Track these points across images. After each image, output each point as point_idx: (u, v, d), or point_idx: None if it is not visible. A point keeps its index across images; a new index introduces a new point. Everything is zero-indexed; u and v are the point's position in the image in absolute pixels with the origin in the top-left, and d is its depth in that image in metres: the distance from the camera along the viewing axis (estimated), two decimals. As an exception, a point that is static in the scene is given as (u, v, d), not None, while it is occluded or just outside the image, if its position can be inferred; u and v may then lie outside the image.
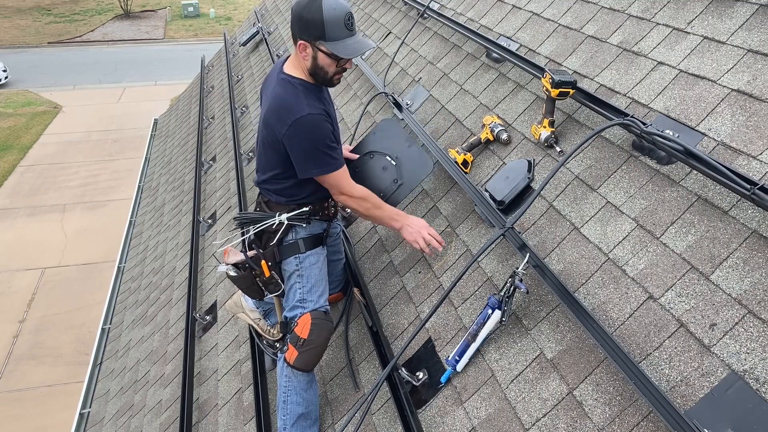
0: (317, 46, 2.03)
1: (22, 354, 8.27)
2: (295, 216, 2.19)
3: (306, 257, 2.20)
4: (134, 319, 4.56)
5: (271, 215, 2.20)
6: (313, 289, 2.17)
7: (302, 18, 2.00)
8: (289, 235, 2.20)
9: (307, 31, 2.02)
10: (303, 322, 2.07)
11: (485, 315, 1.89)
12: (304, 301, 2.14)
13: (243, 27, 9.59)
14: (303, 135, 2.05)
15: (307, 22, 2.00)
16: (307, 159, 2.09)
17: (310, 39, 2.02)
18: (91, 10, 28.01)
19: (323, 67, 2.08)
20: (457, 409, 1.88)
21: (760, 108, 1.77)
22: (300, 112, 2.03)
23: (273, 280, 2.20)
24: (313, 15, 1.98)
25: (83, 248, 10.56)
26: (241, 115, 5.86)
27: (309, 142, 2.06)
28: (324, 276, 2.25)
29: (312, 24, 1.99)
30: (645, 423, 1.46)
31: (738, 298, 1.48)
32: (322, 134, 2.07)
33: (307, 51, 2.05)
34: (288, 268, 2.20)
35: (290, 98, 2.07)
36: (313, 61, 2.07)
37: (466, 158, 2.57)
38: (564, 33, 2.77)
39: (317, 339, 2.07)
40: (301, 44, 2.04)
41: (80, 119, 16.37)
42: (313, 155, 2.08)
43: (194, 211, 4.77)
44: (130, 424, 3.43)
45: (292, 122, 2.03)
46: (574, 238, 1.97)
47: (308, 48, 2.04)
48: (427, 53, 3.67)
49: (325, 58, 2.06)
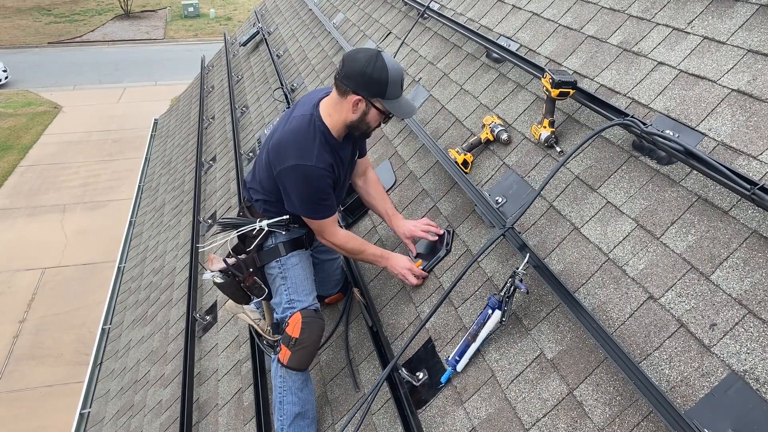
0: (373, 103, 2.06)
1: (22, 354, 8.27)
2: (275, 223, 2.21)
3: (287, 259, 2.22)
4: (134, 319, 4.57)
5: (252, 221, 2.23)
6: (299, 288, 2.19)
7: (365, 75, 1.99)
8: (268, 240, 2.23)
9: (367, 89, 2.02)
10: (293, 321, 2.08)
11: (485, 315, 1.88)
12: (293, 302, 2.16)
13: (243, 27, 9.59)
14: (300, 182, 2.07)
15: (371, 80, 2.00)
16: (298, 201, 2.12)
17: (367, 96, 2.03)
18: (91, 10, 28.02)
19: (369, 123, 2.11)
20: (457, 409, 1.88)
21: (760, 108, 1.77)
22: (306, 160, 2.04)
23: (256, 285, 2.23)
24: (378, 74, 1.99)
25: (83, 248, 10.56)
26: (241, 115, 5.86)
27: (304, 189, 2.08)
28: (308, 275, 2.26)
29: (375, 83, 2.00)
30: (645, 423, 1.46)
31: (738, 298, 1.48)
32: (319, 187, 2.09)
33: (360, 106, 2.05)
34: (271, 272, 2.23)
35: (304, 142, 2.07)
36: (363, 116, 2.08)
37: (466, 158, 2.57)
38: (564, 33, 2.77)
39: (309, 338, 2.07)
40: (356, 99, 2.03)
41: (80, 119, 16.37)
42: (305, 201, 2.12)
43: (194, 211, 4.77)
44: (130, 424, 3.43)
45: (293, 165, 2.04)
46: (574, 238, 1.97)
47: (362, 103, 2.05)
48: (427, 53, 3.67)
49: (376, 115, 2.09)
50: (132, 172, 11.15)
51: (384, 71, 2.00)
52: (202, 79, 8.30)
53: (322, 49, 5.44)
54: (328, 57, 5.13)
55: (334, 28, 5.42)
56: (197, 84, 8.69)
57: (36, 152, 14.54)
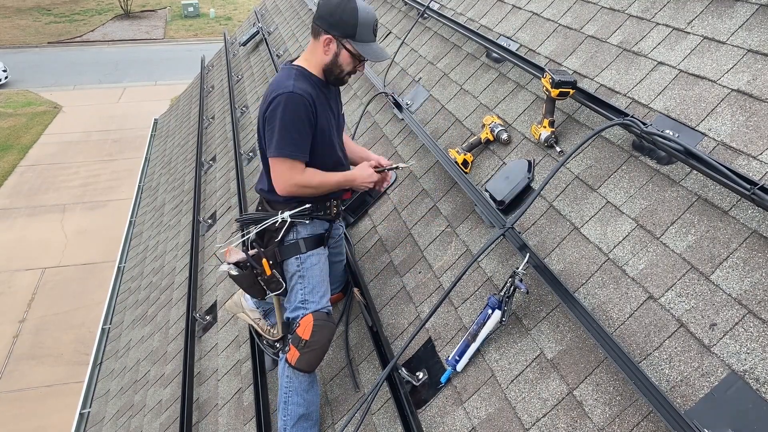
0: (343, 44, 2.09)
1: (22, 354, 8.27)
2: (298, 213, 2.17)
3: (307, 257, 2.18)
4: (134, 319, 4.56)
5: (273, 214, 2.18)
6: (314, 290, 2.16)
7: (334, 15, 2.05)
8: (290, 235, 2.19)
9: (337, 28, 2.07)
10: (305, 323, 2.06)
11: (485, 315, 1.89)
12: (306, 302, 2.13)
13: (243, 27, 9.59)
14: (277, 111, 2.03)
15: (340, 20, 2.06)
16: (276, 135, 2.05)
17: (338, 36, 2.08)
18: (91, 10, 28.01)
19: (341, 65, 2.13)
20: (457, 409, 1.88)
21: (760, 108, 1.77)
22: (283, 89, 2.04)
23: (274, 279, 2.18)
24: (348, 14, 2.05)
25: (83, 248, 10.56)
26: (241, 115, 5.86)
27: (281, 117, 2.03)
28: (325, 277, 2.24)
29: (345, 23, 2.06)
30: (645, 423, 1.46)
31: (738, 298, 1.48)
32: (296, 114, 2.04)
33: (331, 47, 2.10)
34: (289, 269, 2.19)
35: (281, 79, 2.10)
36: (335, 57, 2.11)
37: (466, 158, 2.57)
38: (564, 33, 2.77)
39: (319, 340, 2.05)
40: (327, 39, 2.08)
41: (80, 119, 16.37)
42: (280, 131, 2.04)
43: (194, 211, 4.77)
44: (130, 424, 3.43)
45: (272, 98, 2.04)
46: (574, 238, 1.97)
47: (333, 44, 2.09)
48: (427, 53, 3.67)
49: (347, 57, 2.12)
50: (132, 172, 11.16)
51: (354, 12, 2.06)
52: (202, 79, 8.30)
53: (322, 49, 5.43)
54: (328, 57, 5.12)
55: (334, 28, 5.41)
56: (197, 84, 8.69)
57: (36, 152, 14.54)
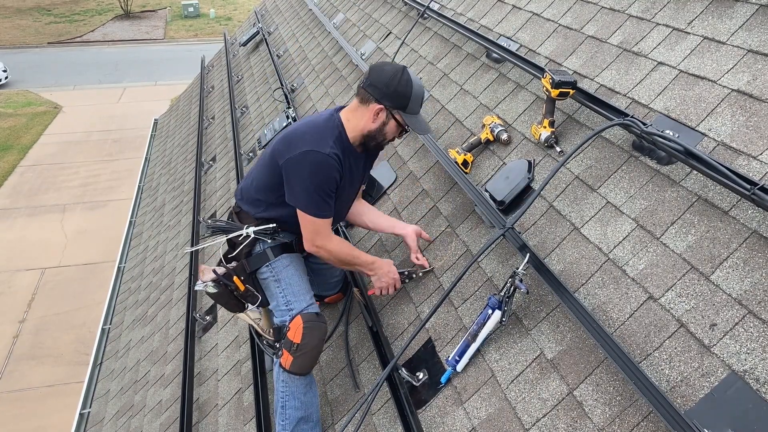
0: (393, 115, 2.12)
1: (22, 354, 8.27)
2: (261, 231, 2.20)
3: (277, 262, 2.20)
4: (134, 319, 4.57)
5: (239, 227, 2.22)
6: (294, 290, 2.16)
7: (390, 86, 2.07)
8: (257, 247, 2.22)
9: (390, 99, 2.09)
10: (295, 326, 2.05)
11: (485, 315, 1.89)
12: (290, 303, 2.13)
13: (243, 27, 9.60)
14: (308, 169, 2.04)
15: (395, 92, 2.08)
16: (302, 192, 2.08)
17: (390, 106, 2.10)
18: (91, 10, 28.01)
19: (386, 133, 2.17)
20: (457, 409, 1.88)
21: (760, 108, 1.77)
22: (320, 147, 2.03)
23: (249, 293, 2.20)
24: (403, 87, 2.08)
25: (83, 248, 10.56)
26: (241, 115, 5.86)
27: (311, 178, 2.05)
28: (302, 276, 2.23)
29: (399, 95, 2.09)
30: (645, 423, 1.46)
31: (738, 299, 1.48)
32: (326, 179, 2.06)
33: (380, 115, 2.11)
34: (262, 276, 2.21)
35: (321, 132, 2.09)
36: (382, 126, 2.14)
37: (466, 158, 2.57)
38: (564, 33, 2.77)
39: (310, 342, 2.04)
40: (378, 108, 2.09)
41: (80, 119, 16.37)
42: (309, 192, 2.07)
43: (194, 211, 4.77)
44: (130, 424, 3.43)
45: (305, 150, 2.03)
46: (574, 238, 1.97)
47: (383, 113, 2.11)
48: (427, 53, 3.67)
49: (394, 127, 2.15)
50: (132, 172, 11.15)
51: (409, 85, 2.09)
52: (202, 79, 8.30)
53: (322, 49, 5.44)
54: (328, 57, 5.13)
55: (334, 28, 5.42)
56: (197, 84, 8.69)
57: (36, 152, 14.54)
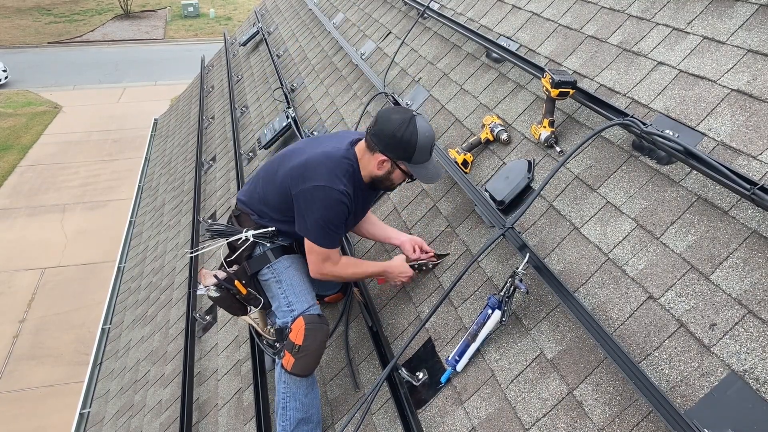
0: (398, 165, 2.10)
1: (22, 354, 8.27)
2: (260, 234, 2.21)
3: (277, 263, 2.21)
4: (134, 319, 4.57)
5: (238, 230, 2.23)
6: (296, 290, 2.17)
7: (394, 138, 2.03)
8: (257, 249, 2.23)
9: (394, 151, 2.06)
10: (297, 327, 2.05)
11: (485, 315, 1.89)
12: (291, 304, 2.14)
13: (243, 27, 9.60)
14: (321, 204, 2.04)
15: (398, 145, 2.04)
16: (313, 225, 2.08)
17: (393, 158, 2.07)
18: (91, 10, 28.00)
19: (392, 180, 2.16)
20: (457, 409, 1.88)
21: (760, 108, 1.77)
22: (334, 184, 2.04)
23: (252, 296, 2.22)
24: (407, 140, 2.02)
25: (83, 248, 10.56)
26: (241, 115, 5.86)
27: (324, 213, 2.05)
28: (303, 275, 2.24)
29: (403, 148, 2.04)
30: (645, 423, 1.46)
31: (738, 298, 1.48)
32: (338, 215, 2.07)
33: (385, 165, 2.10)
34: (264, 278, 2.22)
35: (337, 168, 2.07)
36: (387, 174, 2.13)
37: (466, 158, 2.57)
38: (564, 33, 2.77)
39: (312, 344, 2.04)
40: (382, 159, 2.08)
41: (80, 119, 16.36)
42: (320, 226, 2.08)
43: (194, 211, 4.77)
44: (130, 424, 3.43)
45: (320, 185, 2.04)
46: (574, 238, 1.97)
47: (387, 163, 2.10)
48: (427, 53, 3.67)
49: (400, 175, 2.14)
50: (132, 172, 11.14)
51: (414, 137, 2.03)
52: (202, 79, 8.30)
53: (322, 49, 5.45)
54: (328, 57, 5.13)
55: (334, 28, 5.42)
56: (197, 84, 8.69)
57: (36, 152, 14.53)
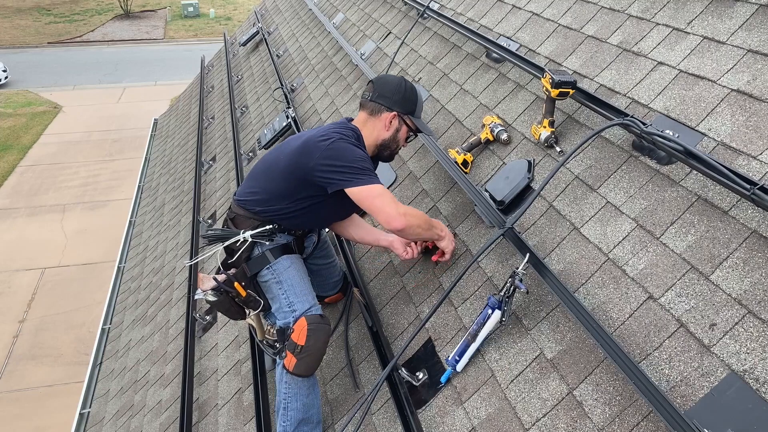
0: (405, 120, 2.23)
1: (22, 354, 8.27)
2: (258, 233, 2.19)
3: (277, 264, 2.18)
4: (134, 319, 4.57)
5: (235, 232, 2.21)
6: (297, 291, 2.15)
7: (399, 92, 2.20)
8: (255, 250, 2.21)
9: (401, 105, 2.21)
10: (299, 328, 2.04)
11: (485, 315, 1.88)
12: (293, 305, 2.12)
13: (243, 27, 9.60)
14: (344, 151, 2.04)
15: (404, 98, 2.21)
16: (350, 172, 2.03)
17: (401, 112, 2.21)
18: (91, 10, 28.00)
19: (398, 140, 2.26)
20: (457, 409, 1.88)
21: (760, 108, 1.77)
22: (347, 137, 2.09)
23: (251, 298, 2.20)
24: (410, 93, 2.22)
25: (83, 248, 10.56)
26: (241, 115, 5.86)
27: (351, 156, 2.04)
28: (303, 276, 2.23)
29: (408, 100, 2.22)
30: (645, 423, 1.46)
31: (738, 298, 1.48)
32: (363, 156, 2.08)
33: (393, 122, 2.22)
34: (264, 279, 2.19)
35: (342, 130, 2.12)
36: (395, 133, 2.24)
37: (466, 158, 2.57)
38: (564, 33, 2.77)
39: (315, 344, 2.03)
40: (392, 115, 2.20)
41: (80, 119, 16.37)
42: (356, 169, 2.03)
43: (194, 211, 4.77)
44: (130, 424, 3.43)
45: (334, 140, 2.05)
46: (574, 238, 1.97)
47: (396, 120, 2.21)
48: (427, 53, 3.67)
49: (405, 132, 2.26)
50: (132, 172, 11.14)
51: (414, 90, 2.23)
52: (202, 79, 8.30)
53: (322, 49, 5.45)
54: (328, 57, 5.13)
55: (334, 28, 5.42)
56: (197, 84, 8.69)
57: (36, 152, 14.53)
